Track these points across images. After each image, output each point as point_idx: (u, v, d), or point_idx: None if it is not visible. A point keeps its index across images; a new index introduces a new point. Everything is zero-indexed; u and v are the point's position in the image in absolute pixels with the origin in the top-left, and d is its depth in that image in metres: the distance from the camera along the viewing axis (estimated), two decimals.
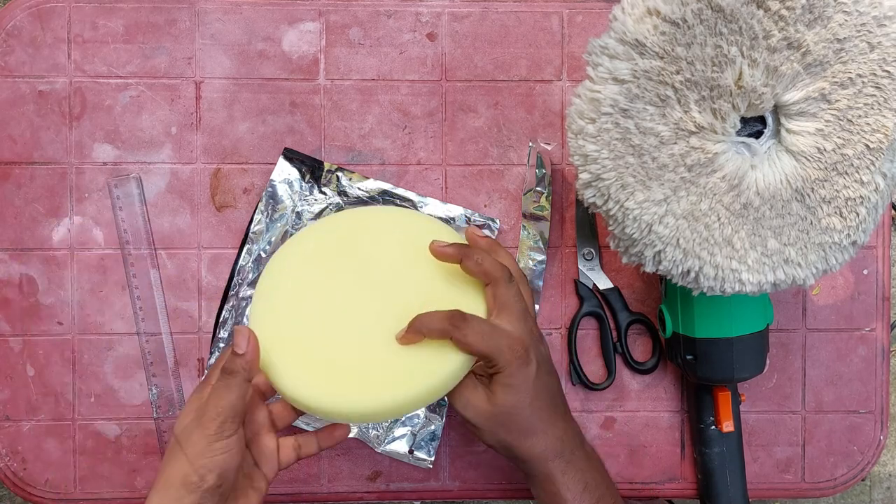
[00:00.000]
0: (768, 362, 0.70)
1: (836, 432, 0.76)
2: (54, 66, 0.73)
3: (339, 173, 0.73)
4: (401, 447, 0.74)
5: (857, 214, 0.56)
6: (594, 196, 0.58)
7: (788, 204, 0.56)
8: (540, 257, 0.74)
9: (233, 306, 0.73)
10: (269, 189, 0.73)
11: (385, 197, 0.73)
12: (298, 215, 0.73)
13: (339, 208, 0.73)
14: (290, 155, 0.73)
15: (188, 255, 0.74)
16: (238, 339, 0.56)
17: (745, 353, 0.68)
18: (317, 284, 0.61)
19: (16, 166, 0.73)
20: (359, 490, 0.75)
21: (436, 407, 0.74)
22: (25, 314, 0.73)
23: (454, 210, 0.74)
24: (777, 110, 0.56)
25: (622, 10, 0.54)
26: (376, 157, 0.74)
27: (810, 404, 0.76)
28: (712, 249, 0.56)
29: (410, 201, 0.73)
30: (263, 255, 0.73)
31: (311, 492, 0.75)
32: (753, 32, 0.53)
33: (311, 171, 0.73)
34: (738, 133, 0.57)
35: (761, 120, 0.57)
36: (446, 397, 0.60)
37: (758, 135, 0.57)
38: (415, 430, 0.74)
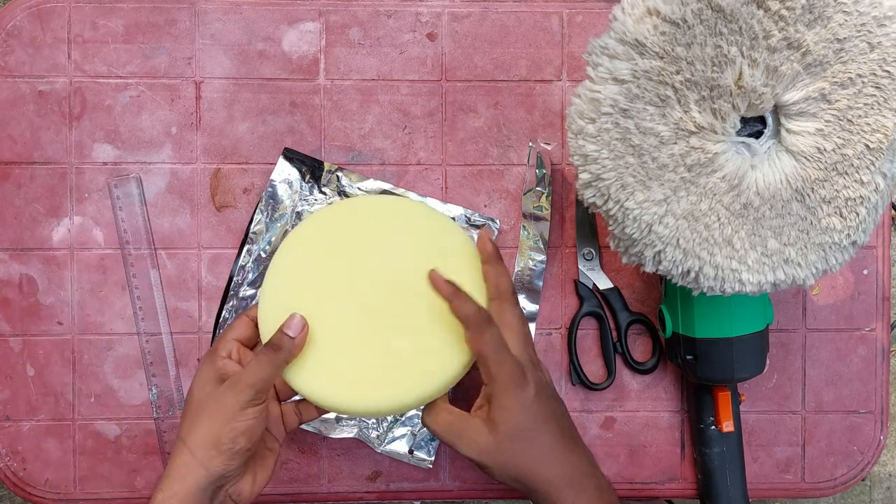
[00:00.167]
0: (768, 362, 0.70)
1: (836, 432, 0.76)
2: (54, 66, 0.73)
3: (339, 173, 0.73)
4: (401, 447, 0.74)
5: (857, 214, 0.56)
6: (594, 196, 0.58)
7: (788, 204, 0.56)
8: (540, 257, 0.74)
9: (233, 306, 0.73)
10: (269, 189, 0.73)
11: None
12: (298, 215, 0.73)
13: None
14: (290, 155, 0.73)
15: (188, 255, 0.74)
16: (292, 323, 0.59)
17: (745, 353, 0.68)
18: (323, 279, 0.62)
19: (16, 166, 0.73)
20: (359, 490, 0.75)
21: None
22: (25, 314, 0.73)
23: (454, 210, 0.74)
24: (777, 110, 0.56)
25: (622, 10, 0.54)
26: (376, 157, 0.74)
27: (810, 404, 0.76)
28: (712, 249, 0.56)
29: None
30: (263, 255, 0.73)
31: (311, 492, 0.75)
32: (753, 32, 0.53)
33: (311, 171, 0.73)
34: (738, 133, 0.57)
35: (761, 120, 0.57)
36: (451, 447, 0.60)
37: (758, 135, 0.57)
38: (415, 430, 0.74)
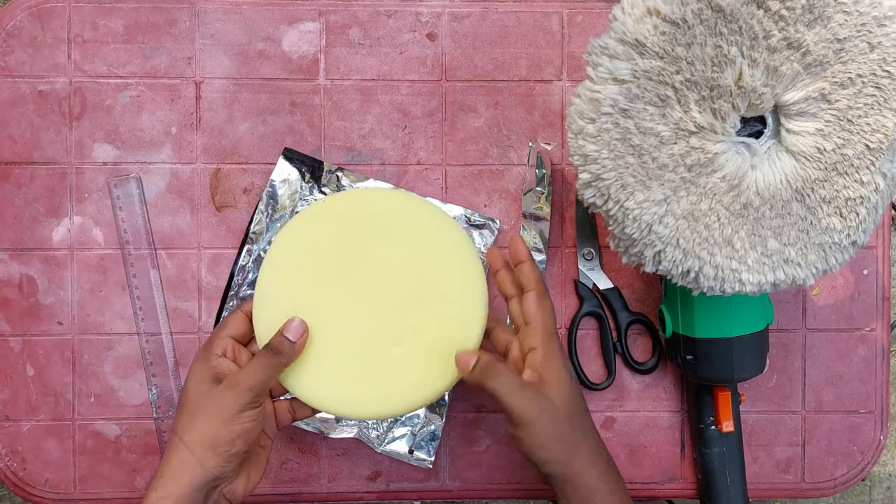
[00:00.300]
0: (768, 362, 0.70)
1: (836, 432, 0.76)
2: (54, 66, 0.73)
3: (339, 173, 0.73)
4: (401, 447, 0.74)
5: (857, 214, 0.56)
6: (594, 196, 0.58)
7: (788, 204, 0.56)
8: (540, 257, 0.74)
9: (233, 306, 0.73)
10: (269, 189, 0.73)
11: None
12: None
13: None
14: (290, 155, 0.73)
15: (188, 255, 0.74)
16: (293, 327, 0.60)
17: (745, 353, 0.68)
18: (319, 279, 0.62)
19: (16, 166, 0.73)
20: (359, 490, 0.75)
21: (436, 407, 0.74)
22: (25, 314, 0.73)
23: (454, 210, 0.74)
24: (777, 110, 0.56)
25: (622, 10, 0.54)
26: (376, 157, 0.74)
27: (810, 404, 0.76)
28: (712, 249, 0.56)
29: None
30: (263, 254, 0.73)
31: (311, 492, 0.75)
32: (753, 32, 0.53)
33: (311, 171, 0.73)
34: (738, 133, 0.57)
35: (761, 120, 0.57)
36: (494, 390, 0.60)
37: (758, 135, 0.57)
38: (415, 430, 0.74)
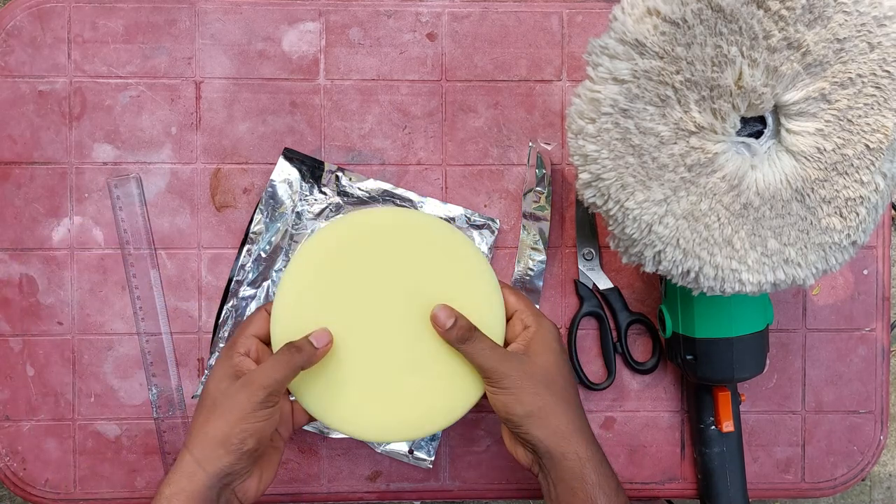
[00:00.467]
0: (768, 362, 0.70)
1: (836, 432, 0.76)
2: (54, 66, 0.73)
3: (339, 173, 0.73)
4: (401, 447, 0.73)
5: (857, 214, 0.56)
6: (594, 196, 0.58)
7: (788, 204, 0.56)
8: (540, 257, 0.74)
9: (233, 306, 0.73)
10: (269, 189, 0.73)
11: (385, 197, 0.73)
12: (298, 215, 0.73)
13: (338, 208, 0.73)
14: (290, 155, 0.73)
15: (188, 255, 0.74)
16: (320, 335, 0.60)
17: (745, 353, 0.68)
18: (339, 299, 0.62)
19: (16, 166, 0.73)
20: (359, 490, 0.75)
21: None
22: (25, 314, 0.73)
23: (454, 210, 0.74)
24: (777, 110, 0.56)
25: (622, 10, 0.54)
26: (376, 157, 0.74)
27: (810, 404, 0.76)
28: (712, 249, 0.56)
29: (410, 201, 0.73)
30: (263, 254, 0.73)
31: (311, 492, 0.75)
32: (753, 32, 0.53)
33: (311, 171, 0.73)
34: (738, 133, 0.57)
35: (761, 120, 0.57)
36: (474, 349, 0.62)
37: (758, 135, 0.57)
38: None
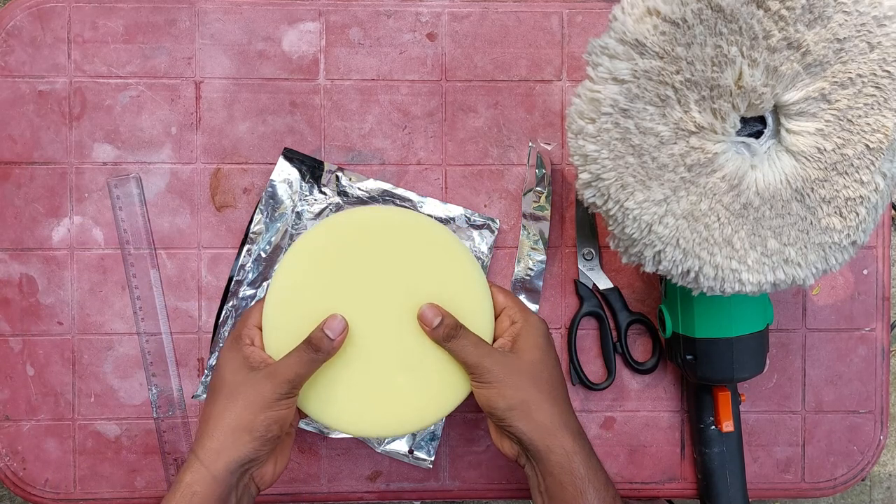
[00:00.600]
0: (768, 362, 0.70)
1: (836, 432, 0.76)
2: (54, 66, 0.73)
3: (339, 173, 0.73)
4: (401, 447, 0.74)
5: (857, 214, 0.56)
6: (594, 196, 0.58)
7: (788, 204, 0.56)
8: (540, 257, 0.74)
9: (233, 306, 0.73)
10: (269, 189, 0.73)
11: (385, 197, 0.73)
12: (298, 215, 0.73)
13: (338, 208, 0.73)
14: (290, 155, 0.73)
15: (188, 255, 0.74)
16: (334, 324, 0.61)
17: (745, 353, 0.68)
18: (330, 296, 0.63)
19: (16, 166, 0.73)
20: (359, 490, 0.75)
21: None
22: (25, 314, 0.73)
23: (454, 210, 0.74)
24: (777, 110, 0.56)
25: (622, 10, 0.54)
26: (376, 157, 0.74)
27: (810, 404, 0.76)
28: (712, 249, 0.56)
29: (410, 201, 0.73)
30: (263, 254, 0.73)
31: (311, 492, 0.75)
32: (753, 32, 0.53)
33: (311, 171, 0.73)
34: (738, 133, 0.57)
35: (761, 120, 0.57)
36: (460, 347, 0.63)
37: (758, 135, 0.57)
38: (413, 432, 0.73)
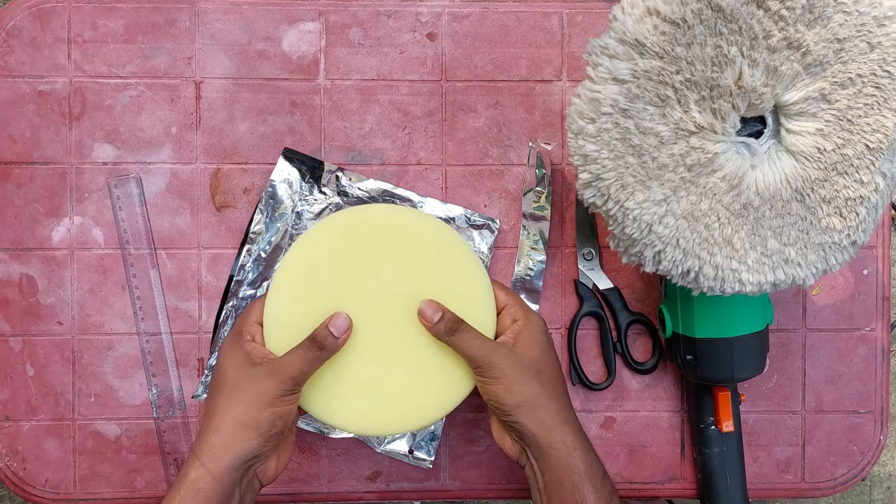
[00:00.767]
0: (768, 362, 0.70)
1: (836, 432, 0.76)
2: (54, 66, 0.73)
3: (339, 173, 0.73)
4: (401, 447, 0.74)
5: (857, 214, 0.56)
6: (594, 196, 0.58)
7: (788, 204, 0.56)
8: (540, 257, 0.74)
9: (233, 306, 0.73)
10: (269, 189, 0.73)
11: (385, 197, 0.73)
12: (298, 215, 0.73)
13: (338, 208, 0.73)
14: (290, 155, 0.73)
15: (188, 255, 0.74)
16: (338, 322, 0.61)
17: (745, 353, 0.68)
18: (330, 294, 0.63)
19: (16, 166, 0.73)
20: (359, 490, 0.75)
21: None
22: (25, 314, 0.73)
23: (454, 210, 0.74)
24: (777, 110, 0.56)
25: (622, 10, 0.54)
26: (376, 157, 0.74)
27: (810, 404, 0.76)
28: (712, 249, 0.56)
29: (410, 201, 0.73)
30: (263, 254, 0.73)
31: (311, 492, 0.75)
32: (753, 32, 0.53)
33: (311, 171, 0.73)
34: (738, 133, 0.57)
35: (761, 120, 0.57)
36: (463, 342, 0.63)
37: (758, 135, 0.57)
38: (415, 430, 0.74)
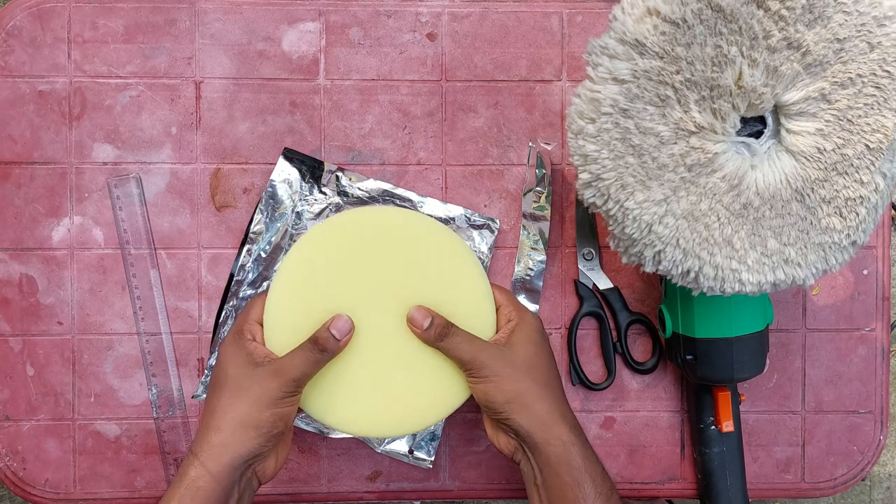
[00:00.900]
0: (768, 362, 0.70)
1: (836, 432, 0.76)
2: (54, 66, 0.73)
3: (339, 173, 0.73)
4: (401, 447, 0.74)
5: (857, 214, 0.56)
6: (594, 196, 0.58)
7: (788, 204, 0.56)
8: (540, 257, 0.74)
9: (233, 306, 0.73)
10: (269, 189, 0.73)
11: (385, 197, 0.73)
12: (298, 215, 0.73)
13: (338, 208, 0.73)
14: (290, 155, 0.73)
15: (188, 255, 0.74)
16: (340, 324, 0.61)
17: (744, 353, 0.68)
18: (331, 296, 0.63)
19: (16, 166, 0.73)
20: (359, 490, 0.75)
21: None
22: (25, 314, 0.73)
23: (454, 210, 0.74)
24: (777, 110, 0.56)
25: (622, 10, 0.54)
26: (376, 157, 0.74)
27: (810, 404, 0.76)
28: (712, 249, 0.56)
29: (410, 201, 0.73)
30: (263, 255, 0.73)
31: (311, 492, 0.75)
32: (753, 32, 0.53)
33: (311, 171, 0.73)
34: (738, 133, 0.57)
35: (761, 120, 0.57)
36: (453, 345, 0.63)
37: (758, 135, 0.57)
38: (414, 432, 0.73)
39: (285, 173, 0.73)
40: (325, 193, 0.73)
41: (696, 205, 0.56)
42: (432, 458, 0.74)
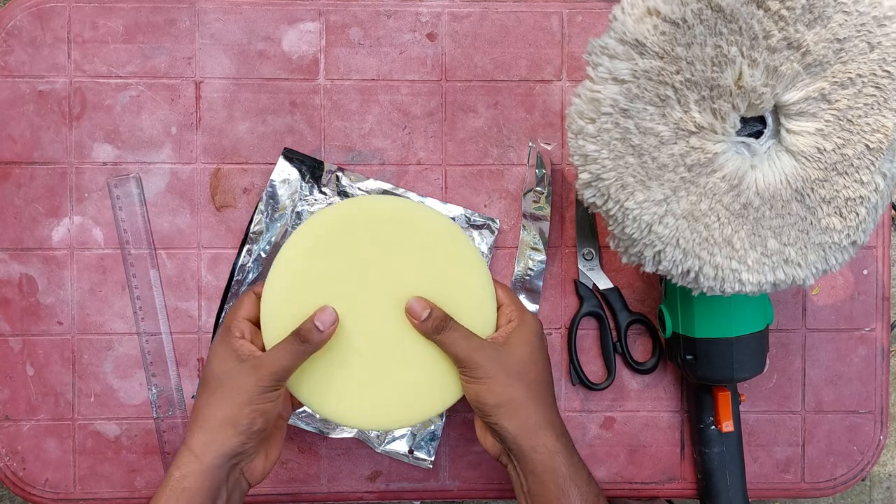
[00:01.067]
0: (768, 362, 0.70)
1: (836, 432, 0.76)
2: (54, 66, 0.73)
3: (339, 173, 0.73)
4: (401, 447, 0.74)
5: (857, 214, 0.56)
6: (594, 196, 0.58)
7: (788, 204, 0.56)
8: (540, 257, 0.74)
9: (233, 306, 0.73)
10: (269, 189, 0.73)
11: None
12: (298, 215, 0.73)
13: None
14: (290, 155, 0.73)
15: (188, 254, 0.74)
16: (323, 317, 0.60)
17: (744, 353, 0.68)
18: (328, 287, 0.62)
19: (16, 166, 0.73)
20: (359, 490, 0.75)
21: None
22: (25, 314, 0.73)
23: (454, 210, 0.74)
24: (777, 110, 0.56)
25: (622, 10, 0.54)
26: (376, 157, 0.74)
27: (810, 404, 0.76)
28: (712, 249, 0.56)
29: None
30: (263, 255, 0.73)
31: (311, 492, 0.75)
32: (753, 32, 0.53)
33: (311, 171, 0.73)
34: (738, 133, 0.57)
35: (761, 120, 0.57)
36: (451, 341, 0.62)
37: (758, 135, 0.57)
38: (415, 430, 0.74)
39: (285, 173, 0.73)
40: (325, 193, 0.73)
41: (696, 205, 0.56)
42: (432, 458, 0.74)
